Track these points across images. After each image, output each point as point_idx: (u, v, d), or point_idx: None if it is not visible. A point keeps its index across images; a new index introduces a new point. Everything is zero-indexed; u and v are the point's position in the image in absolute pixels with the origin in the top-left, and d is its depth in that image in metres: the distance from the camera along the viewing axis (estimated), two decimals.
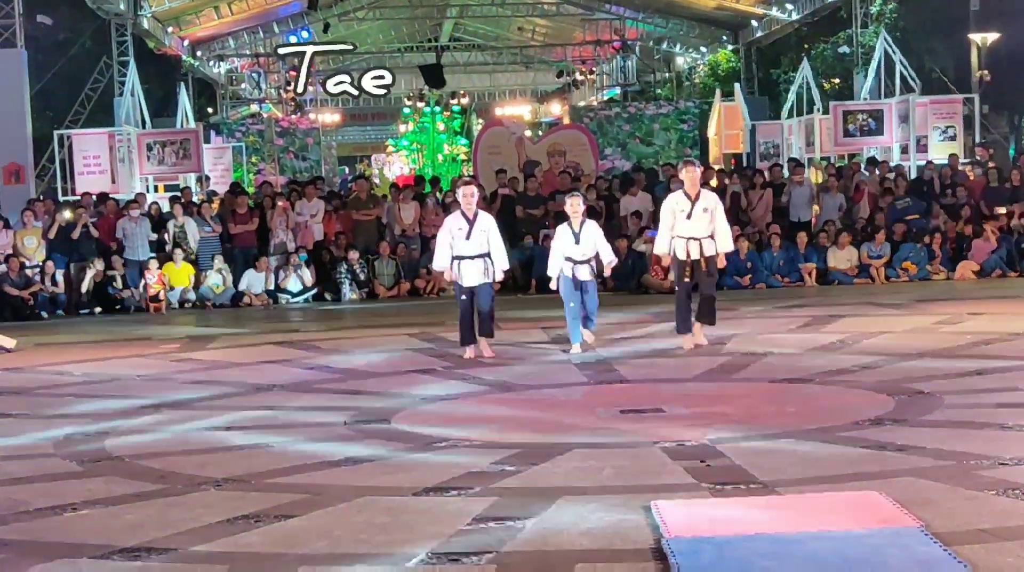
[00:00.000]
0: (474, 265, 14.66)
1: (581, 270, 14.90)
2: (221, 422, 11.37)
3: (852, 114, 32.32)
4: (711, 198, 14.87)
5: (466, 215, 14.80)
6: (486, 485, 8.38)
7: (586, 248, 14.94)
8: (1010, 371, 12.19)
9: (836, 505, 7.28)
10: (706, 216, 14.51)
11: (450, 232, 14.78)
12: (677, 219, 14.56)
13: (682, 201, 14.62)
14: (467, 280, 14.67)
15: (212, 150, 34.50)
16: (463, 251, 14.67)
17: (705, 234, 14.50)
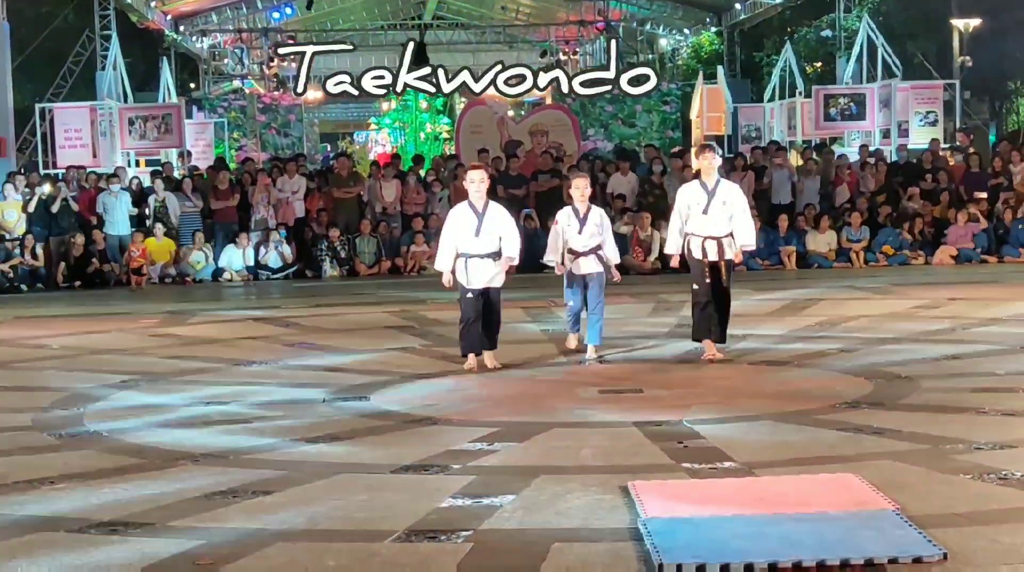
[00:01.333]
0: (484, 265, 12.36)
1: (585, 263, 13.07)
2: (200, 397, 11.36)
3: (834, 98, 32.35)
4: (732, 190, 12.81)
5: (474, 206, 12.41)
6: (464, 463, 8.40)
7: (591, 238, 13.07)
8: (987, 356, 12.26)
9: (812, 487, 7.32)
10: (725, 210, 12.56)
11: (456, 227, 12.46)
12: (692, 213, 12.63)
13: (697, 192, 12.68)
14: (475, 281, 12.35)
15: (194, 125, 34.41)
16: (471, 249, 12.33)
17: (724, 232, 12.58)
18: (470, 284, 12.34)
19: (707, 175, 12.82)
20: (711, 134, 38.43)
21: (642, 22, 51.68)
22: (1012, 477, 7.51)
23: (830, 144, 33.72)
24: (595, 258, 13.06)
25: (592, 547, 6.42)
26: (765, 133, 35.42)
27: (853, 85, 33.73)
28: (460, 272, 12.38)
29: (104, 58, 34.10)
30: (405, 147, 47.00)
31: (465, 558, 6.31)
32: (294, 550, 6.52)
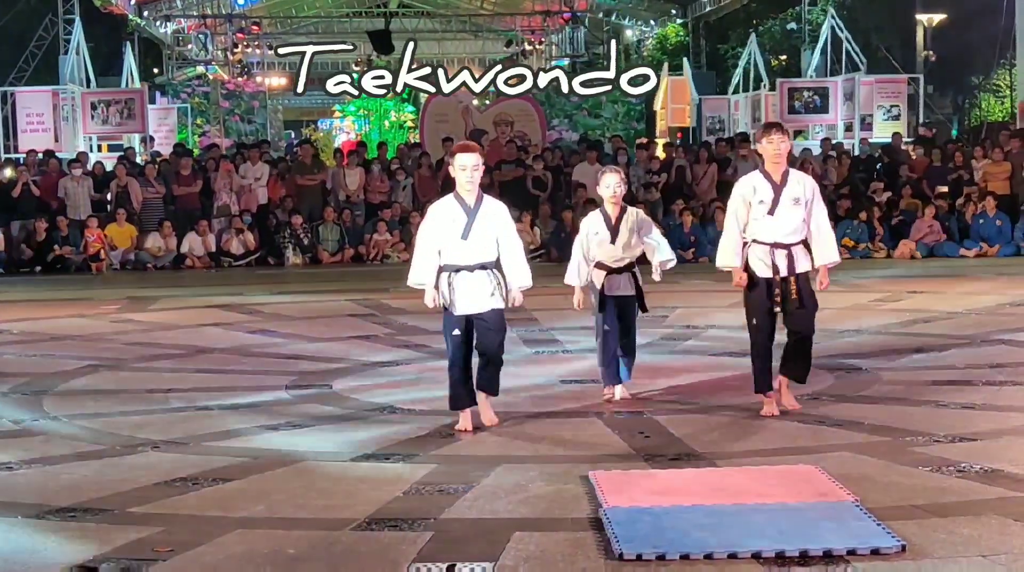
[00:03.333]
0: (475, 280, 9.05)
1: (618, 282, 10.14)
2: (160, 384, 11.31)
3: (798, 91, 32.49)
4: (806, 183, 9.63)
5: (463, 201, 9.13)
6: (426, 452, 8.41)
7: (626, 249, 10.13)
8: (947, 349, 12.32)
9: (773, 478, 7.35)
10: (798, 211, 9.47)
11: (437, 228, 9.16)
12: (754, 213, 9.50)
13: (761, 186, 9.52)
14: (462, 304, 9.04)
15: (157, 111, 34.22)
16: (458, 258, 9.04)
17: (796, 238, 9.52)
18: (456, 308, 9.04)
19: (774, 163, 9.57)
20: (675, 126, 38.53)
21: (608, 13, 51.67)
22: (970, 470, 7.56)
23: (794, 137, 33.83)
24: (629, 279, 10.16)
25: (552, 536, 6.42)
26: (729, 125, 35.52)
27: (817, 78, 33.86)
28: (443, 291, 9.08)
29: (67, 42, 33.85)
30: (369, 135, 46.91)
31: (426, 547, 6.30)
32: (253, 538, 6.50)
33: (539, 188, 24.96)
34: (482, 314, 9.07)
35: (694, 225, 23.33)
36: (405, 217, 24.37)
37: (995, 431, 8.68)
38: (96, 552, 6.25)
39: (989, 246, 22.76)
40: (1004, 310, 15.20)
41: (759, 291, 9.54)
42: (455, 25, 55.36)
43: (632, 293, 10.13)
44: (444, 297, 9.06)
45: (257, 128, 38.73)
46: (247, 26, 48.26)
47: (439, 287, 9.07)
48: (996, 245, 22.74)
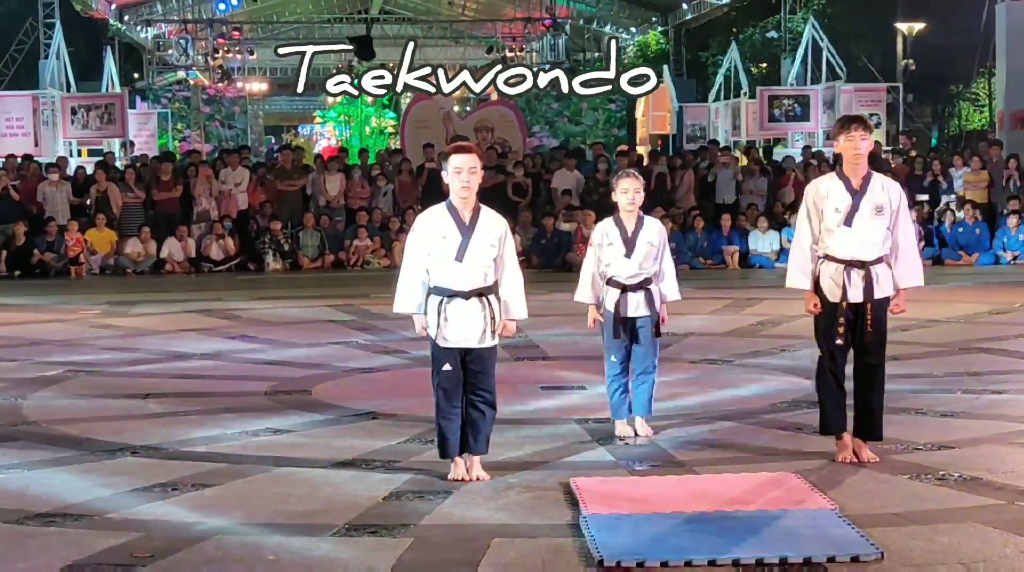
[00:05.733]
0: (469, 310, 7.83)
1: (632, 301, 9.08)
2: (139, 389, 11.28)
3: (778, 99, 32.54)
4: (891, 189, 8.29)
5: (458, 213, 7.88)
6: (406, 459, 8.40)
7: (643, 263, 9.09)
8: (926, 357, 12.35)
9: (752, 485, 7.36)
10: (880, 221, 8.16)
11: (426, 245, 7.87)
12: (827, 223, 8.22)
13: (836, 192, 8.23)
14: (455, 336, 7.84)
15: (137, 116, 34.15)
16: (451, 281, 7.81)
17: (876, 254, 8.18)
18: (447, 341, 7.86)
19: (854, 165, 8.25)
20: (656, 133, 38.59)
21: (589, 20, 51.73)
22: (950, 478, 7.59)
23: (774, 145, 33.97)
24: (644, 298, 9.08)
25: (532, 543, 6.43)
26: (710, 132, 35.58)
27: (797, 86, 33.94)
28: (431, 321, 7.86)
29: (47, 47, 33.78)
30: (350, 141, 46.89)
31: (405, 553, 6.31)
32: (232, 543, 6.50)
33: (519, 195, 24.95)
34: (475, 352, 7.86)
35: (674, 232, 23.34)
36: (385, 223, 24.35)
37: (974, 439, 8.72)
38: (76, 558, 6.23)
39: (968, 254, 22.84)
40: (983, 318, 15.26)
41: (830, 315, 8.20)
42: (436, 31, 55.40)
43: (648, 314, 9.05)
44: (433, 327, 7.84)
45: (238, 133, 38.69)
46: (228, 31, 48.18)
47: (428, 314, 7.84)
48: (975, 253, 22.81)
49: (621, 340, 9.06)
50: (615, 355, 9.10)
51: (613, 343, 9.10)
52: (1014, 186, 23.99)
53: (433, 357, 7.92)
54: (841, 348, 8.20)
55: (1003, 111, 29.54)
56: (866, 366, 8.25)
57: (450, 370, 7.84)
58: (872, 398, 8.25)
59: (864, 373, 8.26)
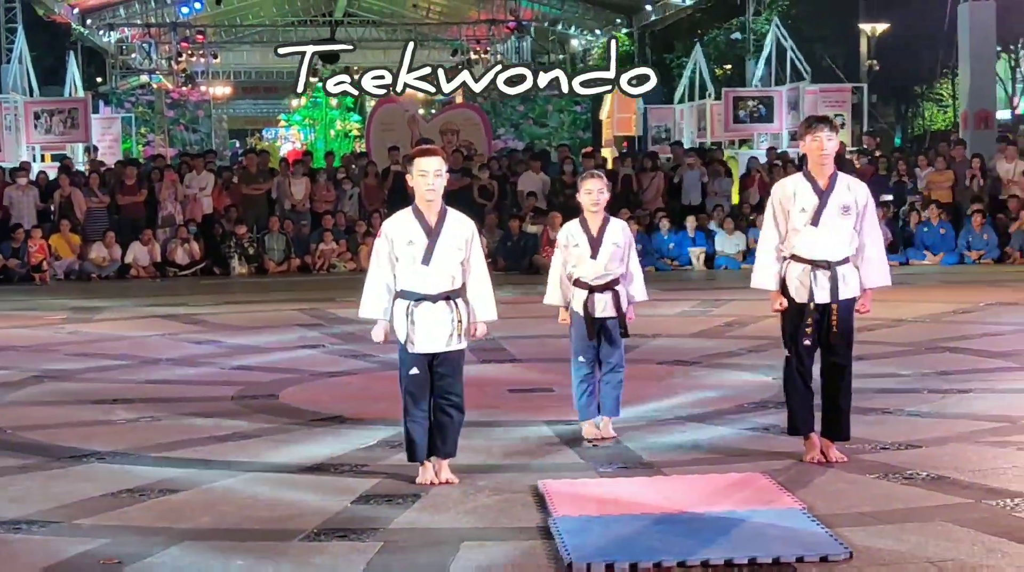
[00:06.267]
0: (437, 313, 7.77)
1: (599, 302, 9.04)
2: (106, 395, 11.23)
3: (743, 100, 32.63)
4: (857, 189, 8.29)
5: (424, 217, 7.83)
6: (374, 463, 8.38)
7: (608, 264, 9.05)
8: (892, 357, 12.40)
9: (721, 486, 7.37)
10: (846, 221, 8.16)
11: (392, 250, 7.82)
12: (793, 223, 8.21)
13: (803, 191, 8.23)
14: (422, 341, 7.76)
15: (101, 120, 33.96)
16: (418, 285, 7.76)
17: (842, 254, 8.18)
18: (415, 346, 7.78)
19: (820, 165, 8.24)
20: (621, 135, 38.63)
21: (553, 22, 51.76)
22: (917, 477, 7.62)
23: (739, 146, 34.04)
24: (611, 298, 9.04)
25: (502, 546, 6.43)
26: (675, 134, 35.64)
27: (762, 88, 34.03)
28: (399, 325, 7.81)
29: (9, 51, 33.55)
30: (315, 144, 46.80)
31: (375, 557, 6.29)
32: (201, 549, 6.47)
33: (485, 197, 24.96)
34: (442, 355, 7.79)
35: (640, 233, 23.37)
36: (351, 226, 24.32)
37: (941, 438, 8.75)
38: (43, 565, 6.20)
39: (933, 254, 22.95)
40: (949, 318, 15.33)
41: (796, 315, 8.17)
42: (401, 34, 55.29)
43: (615, 314, 9.00)
44: (402, 331, 7.77)
45: (202, 137, 38.54)
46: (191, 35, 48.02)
47: (395, 318, 7.80)
48: (940, 253, 22.92)
49: (589, 341, 9.02)
50: (583, 356, 9.06)
51: (580, 344, 9.06)
52: (978, 186, 24.12)
53: (401, 361, 7.86)
54: (808, 348, 8.18)
55: (967, 111, 29.68)
56: (833, 366, 8.22)
57: (418, 374, 7.78)
58: (839, 398, 8.23)
59: (831, 373, 8.24)
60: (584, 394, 9.08)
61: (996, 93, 34.39)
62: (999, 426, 9.11)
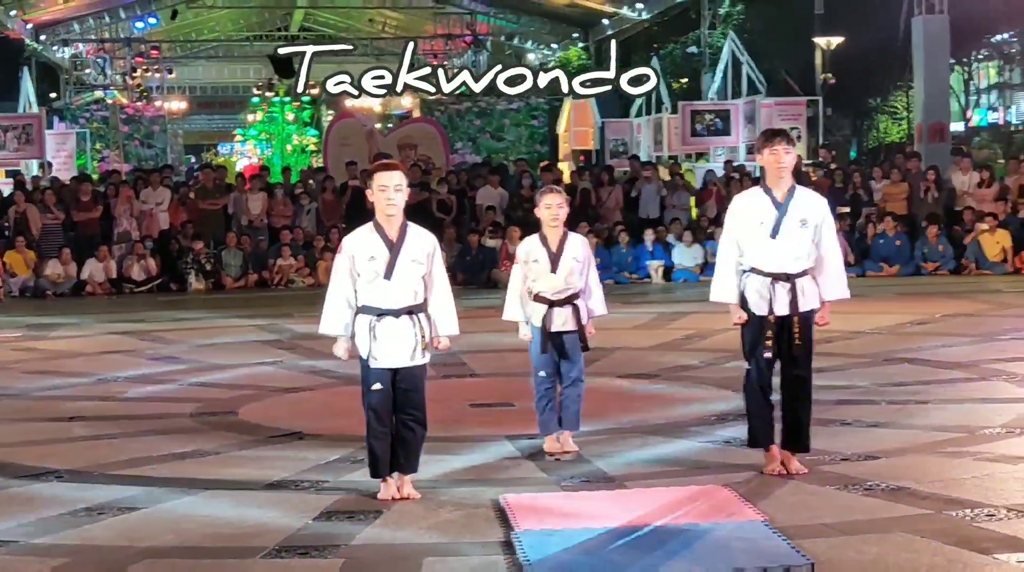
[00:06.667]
0: (400, 328, 7.75)
1: (558, 316, 9.04)
2: (63, 412, 11.15)
3: (700, 114, 32.77)
4: (815, 202, 8.31)
5: (384, 232, 7.80)
6: (335, 479, 8.35)
7: (568, 278, 9.05)
8: (850, 368, 12.45)
9: (683, 499, 7.37)
10: (804, 233, 8.16)
11: (354, 265, 7.78)
12: (753, 237, 8.21)
13: (761, 204, 8.24)
14: (384, 356, 7.75)
15: (55, 136, 33.80)
16: (380, 300, 7.73)
17: (801, 267, 8.19)
18: (378, 361, 7.76)
19: (778, 178, 8.23)
20: (579, 148, 38.72)
21: (510, 36, 51.92)
22: (877, 488, 7.65)
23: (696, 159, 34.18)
24: (573, 310, 9.05)
25: (464, 561, 6.42)
26: (632, 147, 35.77)
27: (719, 101, 34.19)
28: (362, 340, 7.79)
29: None
30: (271, 159, 46.73)
31: None
32: (161, 568, 6.43)
33: (444, 211, 24.94)
34: (404, 370, 7.76)
35: (599, 247, 23.40)
36: (309, 241, 24.25)
37: (900, 449, 8.79)
38: None
39: (889, 266, 23.07)
40: (906, 329, 15.40)
41: (756, 329, 8.19)
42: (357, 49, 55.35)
43: (575, 329, 9.00)
44: (364, 347, 7.75)
45: (157, 152, 38.48)
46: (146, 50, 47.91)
47: (358, 334, 7.77)
48: (896, 265, 23.05)
49: (549, 355, 9.00)
50: (543, 370, 9.04)
51: (541, 359, 9.04)
52: (932, 198, 24.27)
53: (363, 376, 7.82)
54: (768, 361, 8.18)
55: (921, 124, 29.89)
56: (793, 378, 8.23)
57: (380, 389, 7.73)
58: (800, 410, 8.23)
59: (791, 385, 8.23)
60: (545, 408, 9.05)
61: (950, 105, 34.70)
62: (957, 436, 9.15)
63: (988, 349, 13.45)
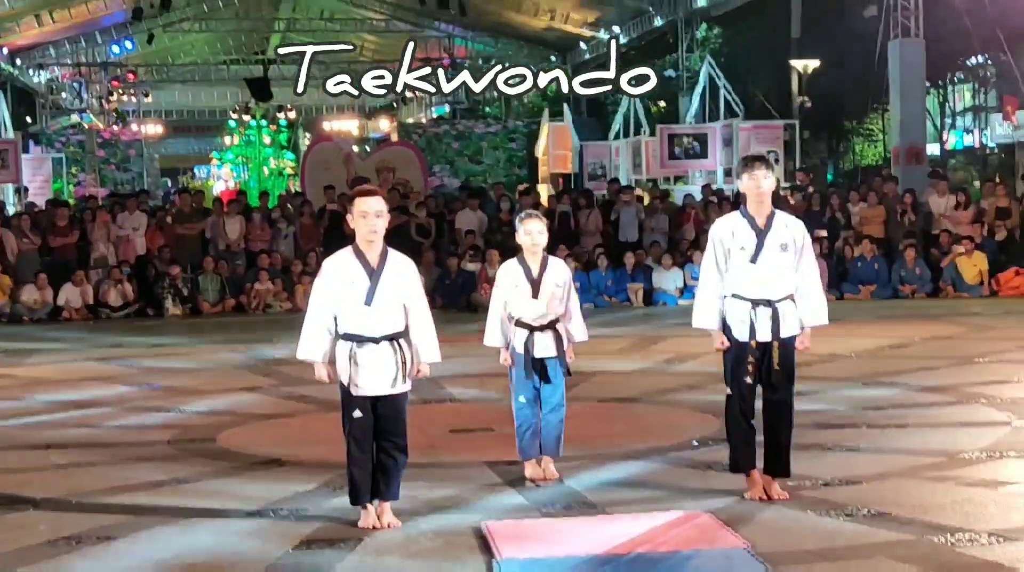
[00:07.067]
0: (381, 355, 7.72)
1: (540, 342, 9.00)
2: (40, 440, 11.07)
3: (678, 137, 32.81)
4: (795, 227, 8.35)
5: (365, 258, 7.77)
6: (315, 506, 8.30)
7: (549, 303, 9.00)
8: (829, 392, 12.44)
9: (665, 525, 7.35)
10: (785, 258, 8.23)
11: (333, 291, 7.77)
12: (734, 262, 8.25)
13: (742, 230, 8.28)
14: (366, 384, 7.70)
15: (31, 161, 33.71)
16: (361, 327, 7.71)
17: (783, 293, 8.24)
18: (359, 388, 7.70)
19: (758, 203, 8.29)
20: (557, 172, 38.75)
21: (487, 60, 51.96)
22: (858, 513, 7.64)
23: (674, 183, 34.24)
24: (552, 338, 9.00)
25: None
26: (611, 171, 35.79)
27: (696, 124, 34.26)
28: (342, 367, 7.74)
29: None
30: (248, 183, 46.66)
31: None
32: None
33: (422, 235, 24.92)
34: (385, 398, 7.71)
35: (578, 271, 23.40)
36: (287, 266, 24.18)
37: (880, 473, 8.78)
38: None
39: (867, 288, 23.11)
40: (884, 352, 15.43)
41: (737, 354, 8.21)
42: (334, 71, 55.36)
43: (556, 354, 8.96)
44: (344, 374, 7.69)
45: (134, 176, 38.37)
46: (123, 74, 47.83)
47: (338, 361, 7.72)
48: (874, 287, 23.10)
49: (530, 381, 8.94)
50: (524, 396, 8.96)
51: (522, 384, 8.97)
52: (909, 221, 24.35)
53: (343, 403, 7.75)
54: (750, 386, 8.21)
55: (898, 147, 30.01)
56: (774, 403, 8.25)
57: (361, 417, 7.67)
58: (781, 435, 8.25)
59: (772, 410, 8.26)
60: (526, 434, 8.98)
61: (926, 128, 34.82)
62: (937, 461, 9.16)
63: (967, 372, 13.50)
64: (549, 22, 42.90)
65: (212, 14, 48.96)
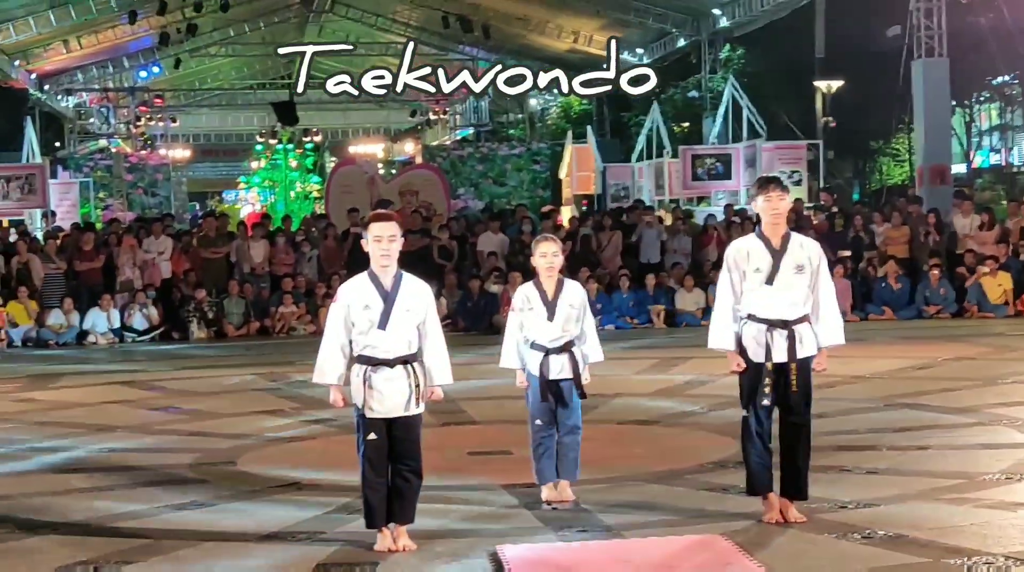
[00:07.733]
0: (395, 378, 7.75)
1: (555, 364, 8.98)
2: (62, 463, 11.13)
3: (701, 158, 32.84)
4: (810, 248, 8.36)
5: (380, 281, 7.86)
6: (332, 529, 8.31)
7: (565, 325, 9.02)
8: (851, 413, 12.40)
9: (680, 549, 7.35)
10: (801, 279, 8.22)
11: (348, 314, 7.82)
12: (749, 283, 8.29)
13: (757, 251, 8.30)
14: (381, 405, 7.74)
15: (59, 185, 33.90)
16: (375, 350, 7.76)
17: (798, 313, 8.23)
18: (373, 411, 7.75)
19: (773, 225, 8.31)
20: (580, 193, 38.79)
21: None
22: (876, 536, 7.61)
23: (697, 203, 34.23)
24: (570, 357, 9.01)
25: None
26: (633, 192, 35.82)
27: (719, 145, 34.26)
28: (356, 390, 7.79)
29: None
30: (275, 206, 46.82)
31: None
32: None
33: (445, 258, 24.99)
34: (399, 420, 7.74)
35: (600, 293, 23.40)
36: (311, 289, 24.27)
37: (899, 496, 8.74)
38: None
39: (891, 309, 23.05)
40: (907, 374, 15.37)
41: (754, 376, 8.18)
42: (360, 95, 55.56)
43: (572, 376, 8.94)
44: (359, 397, 7.74)
45: (161, 201, 38.47)
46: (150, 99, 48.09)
47: (352, 384, 7.75)
48: (898, 309, 23.03)
49: (546, 403, 8.92)
50: (540, 419, 8.95)
51: (538, 407, 8.96)
52: (933, 241, 24.28)
53: (358, 426, 7.79)
54: (767, 408, 8.18)
55: (922, 167, 29.95)
56: (792, 425, 8.22)
57: (376, 439, 7.69)
58: (798, 457, 8.21)
59: (790, 432, 8.23)
60: (542, 456, 8.96)
61: (951, 148, 34.75)
62: (957, 483, 9.11)
63: (990, 393, 13.44)
64: (572, 44, 42.96)
65: (238, 39, 49.23)
